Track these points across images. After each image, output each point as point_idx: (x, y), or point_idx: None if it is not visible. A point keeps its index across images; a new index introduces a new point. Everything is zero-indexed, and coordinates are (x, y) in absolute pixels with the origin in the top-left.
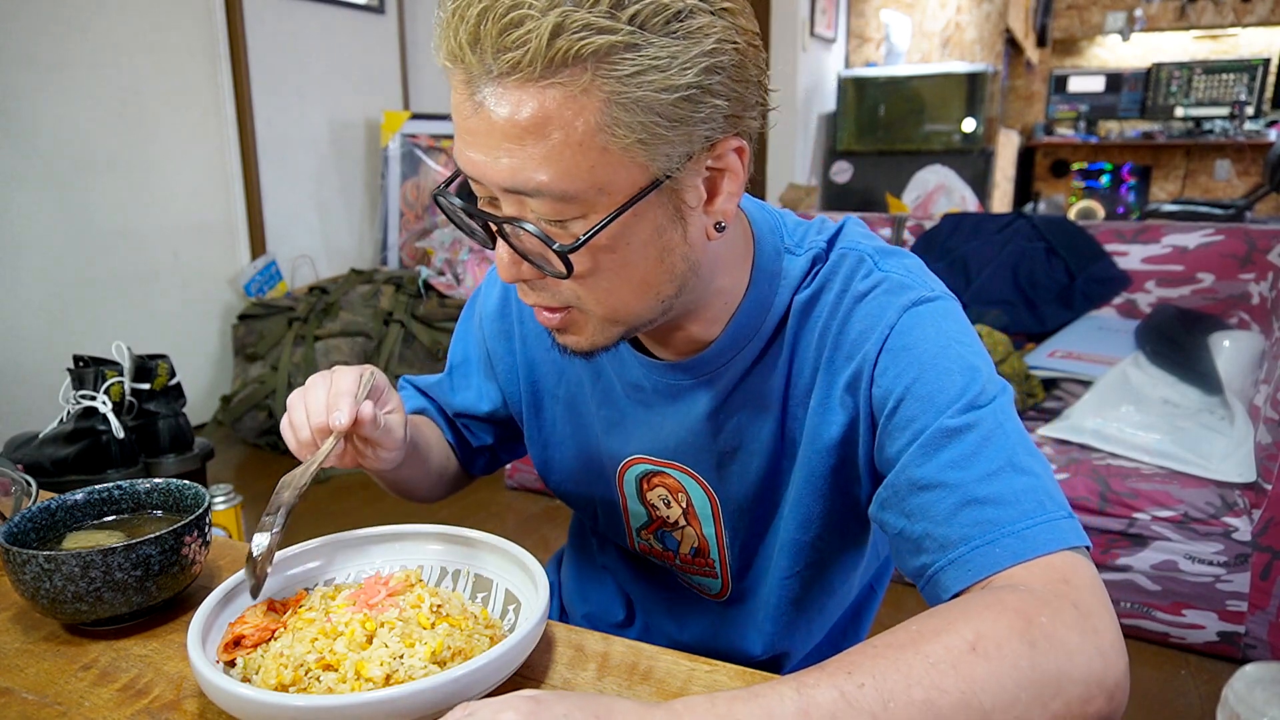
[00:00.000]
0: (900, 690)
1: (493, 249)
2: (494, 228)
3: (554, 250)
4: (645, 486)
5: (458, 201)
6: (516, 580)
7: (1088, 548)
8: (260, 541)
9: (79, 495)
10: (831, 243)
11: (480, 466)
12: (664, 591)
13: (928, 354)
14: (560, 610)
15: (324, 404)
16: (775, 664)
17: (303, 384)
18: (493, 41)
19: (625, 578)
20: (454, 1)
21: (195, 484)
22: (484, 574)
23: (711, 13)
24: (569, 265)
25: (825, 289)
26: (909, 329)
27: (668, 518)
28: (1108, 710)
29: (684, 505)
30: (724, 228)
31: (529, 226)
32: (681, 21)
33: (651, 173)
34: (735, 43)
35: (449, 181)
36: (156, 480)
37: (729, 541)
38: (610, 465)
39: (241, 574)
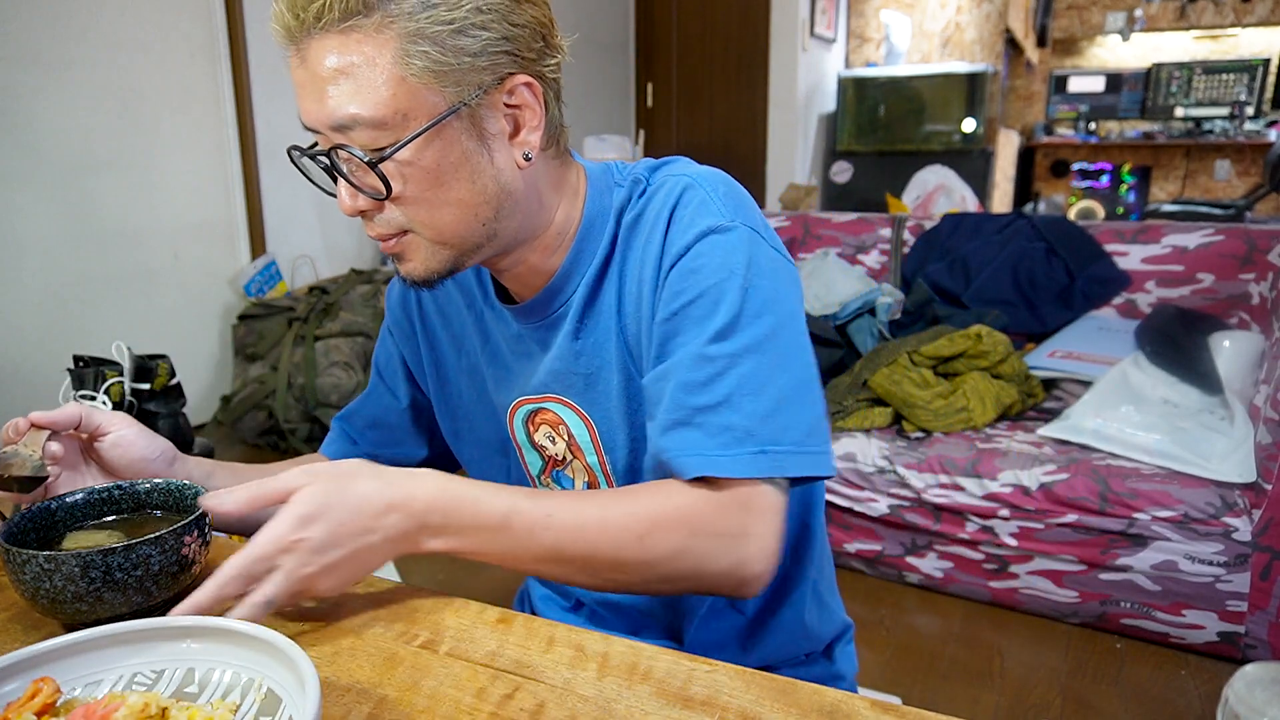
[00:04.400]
0: (570, 517)
1: (334, 195)
2: (326, 165)
3: (367, 163)
4: (531, 428)
5: (301, 148)
6: (280, 677)
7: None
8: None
9: (79, 495)
10: (655, 170)
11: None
12: None
13: (708, 280)
14: (531, 609)
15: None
16: (734, 609)
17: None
18: (301, 3)
19: None
20: None
21: (195, 484)
22: (247, 673)
23: None
24: (386, 183)
25: (648, 208)
26: (700, 254)
27: (556, 455)
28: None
29: (566, 438)
30: (530, 157)
31: (351, 149)
32: None
33: (449, 100)
34: None
35: (312, 146)
36: (156, 480)
37: (612, 467)
38: (501, 417)
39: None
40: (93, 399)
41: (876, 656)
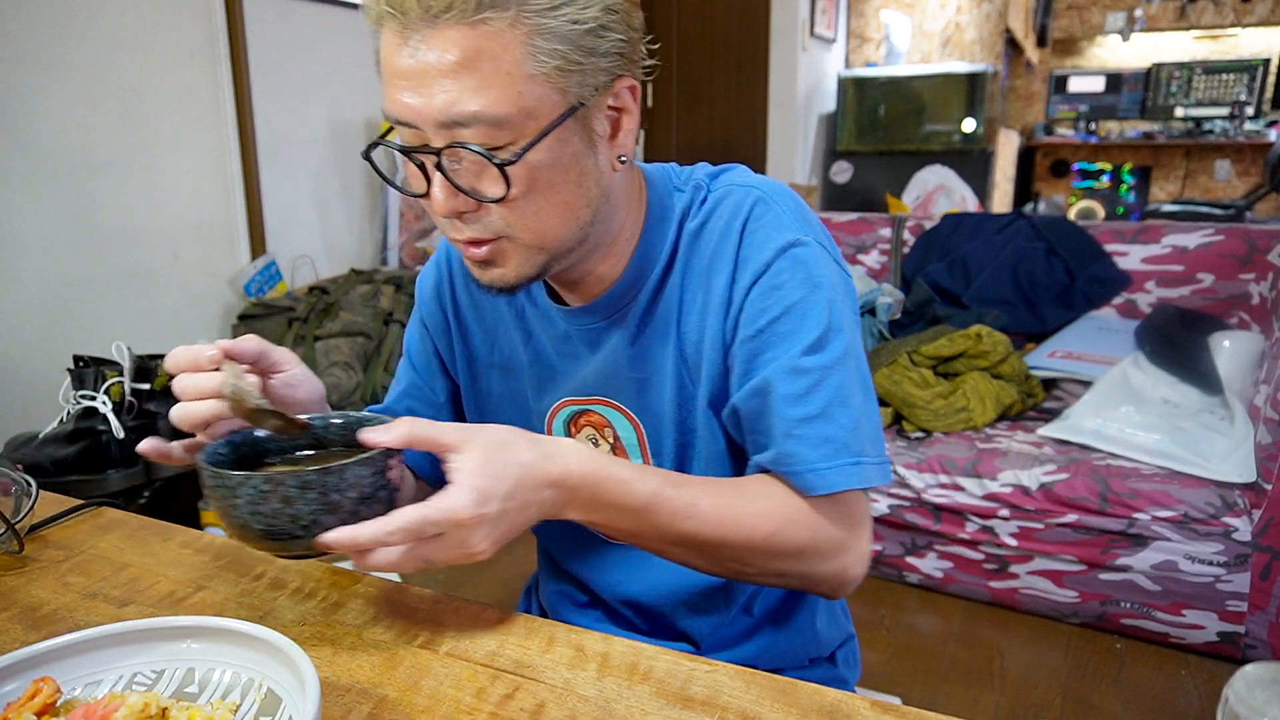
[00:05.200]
0: (710, 508)
1: (421, 195)
2: (431, 163)
3: (495, 164)
4: (573, 429)
5: (391, 144)
6: (280, 678)
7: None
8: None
9: (260, 432)
10: (715, 178)
11: (426, 470)
12: (605, 546)
13: (792, 296)
14: (541, 612)
15: (186, 354)
16: (740, 586)
17: None
18: None
19: (569, 550)
20: None
21: (378, 413)
22: (247, 674)
23: None
24: (508, 182)
25: (712, 218)
26: (782, 270)
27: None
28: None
29: (611, 440)
30: (625, 160)
31: (473, 146)
32: None
33: (569, 100)
34: None
35: (378, 142)
36: (343, 414)
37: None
38: (540, 418)
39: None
40: (93, 399)
41: (876, 656)
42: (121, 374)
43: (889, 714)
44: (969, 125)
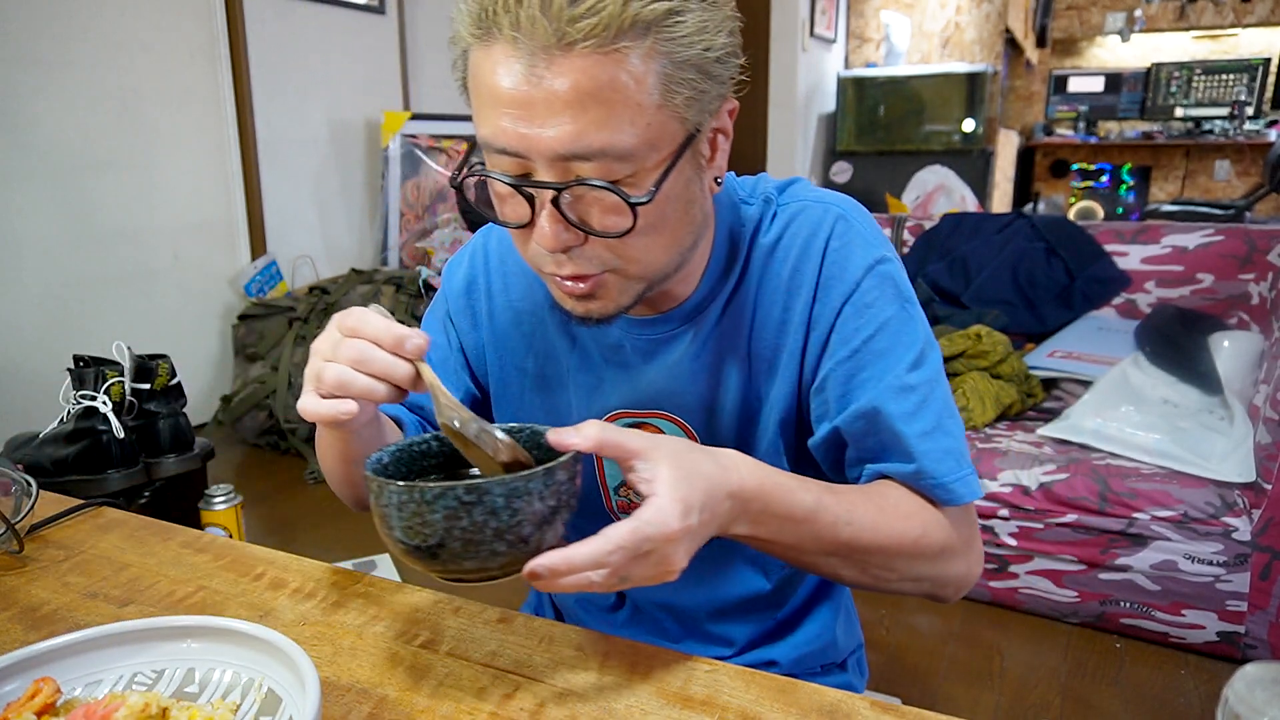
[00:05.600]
0: (866, 516)
1: (521, 227)
2: (547, 198)
3: (630, 204)
4: None
5: (502, 177)
6: (280, 678)
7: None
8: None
9: (429, 439)
10: (782, 191)
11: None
12: None
13: (885, 313)
14: (554, 611)
15: (389, 329)
16: (782, 595)
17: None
18: (565, 11)
19: None
20: None
21: (529, 425)
22: (247, 674)
23: None
24: (635, 219)
25: (786, 234)
26: (871, 289)
27: None
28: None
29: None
30: (721, 181)
31: (602, 184)
32: None
33: (687, 128)
34: (737, 10)
35: (462, 165)
36: (517, 424)
37: None
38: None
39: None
40: (93, 399)
41: (876, 656)
42: (122, 374)
43: (889, 714)
44: (969, 125)
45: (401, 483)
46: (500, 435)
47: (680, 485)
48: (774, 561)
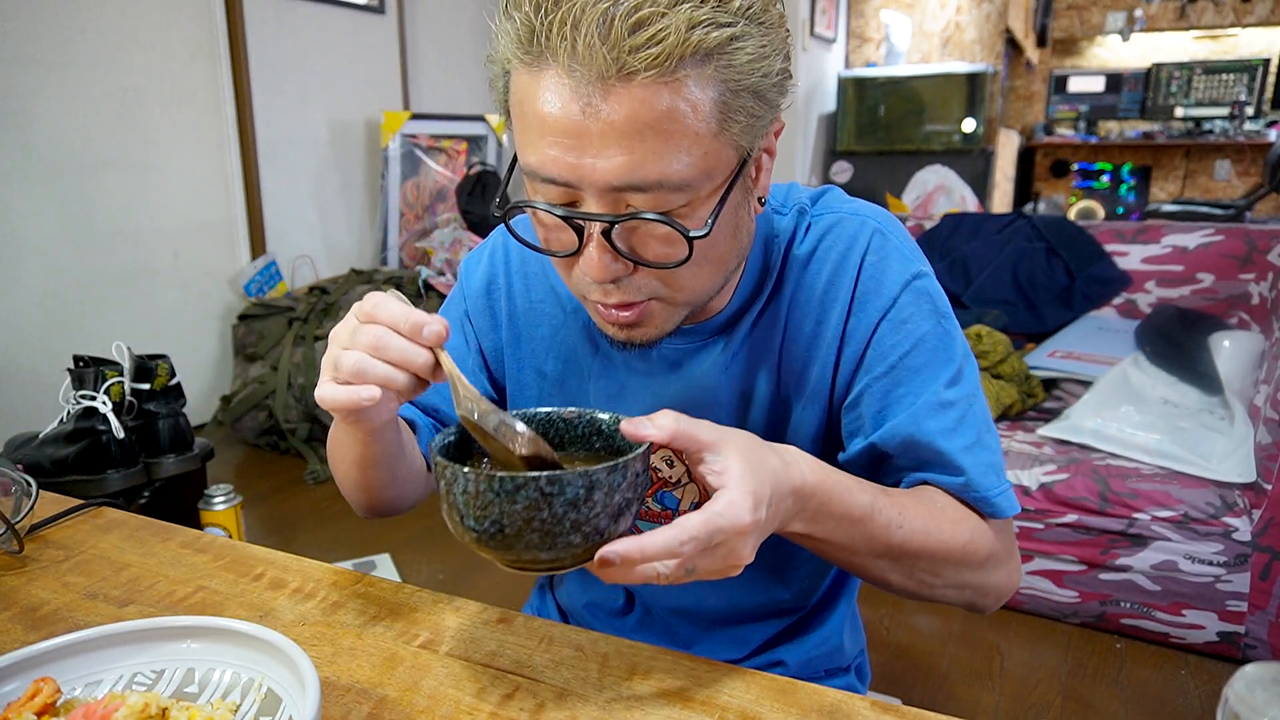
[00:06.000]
0: (917, 518)
1: (568, 255)
2: (599, 229)
3: (688, 238)
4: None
5: (553, 209)
6: (280, 678)
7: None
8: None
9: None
10: (815, 201)
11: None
12: None
13: (922, 328)
14: (560, 614)
15: (407, 315)
16: (798, 604)
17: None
18: (625, 40)
19: None
20: (554, 1)
21: (610, 412)
22: (247, 674)
23: (777, 2)
24: (691, 251)
25: (821, 246)
26: (908, 304)
27: (669, 478)
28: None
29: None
30: (763, 200)
31: (651, 215)
32: (768, 11)
33: (740, 154)
34: (788, 29)
35: (504, 194)
36: (575, 409)
37: None
38: None
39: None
40: (93, 399)
41: (876, 656)
42: (121, 374)
43: (889, 714)
44: (969, 125)
45: (480, 471)
46: (520, 428)
47: (750, 479)
48: (797, 573)
